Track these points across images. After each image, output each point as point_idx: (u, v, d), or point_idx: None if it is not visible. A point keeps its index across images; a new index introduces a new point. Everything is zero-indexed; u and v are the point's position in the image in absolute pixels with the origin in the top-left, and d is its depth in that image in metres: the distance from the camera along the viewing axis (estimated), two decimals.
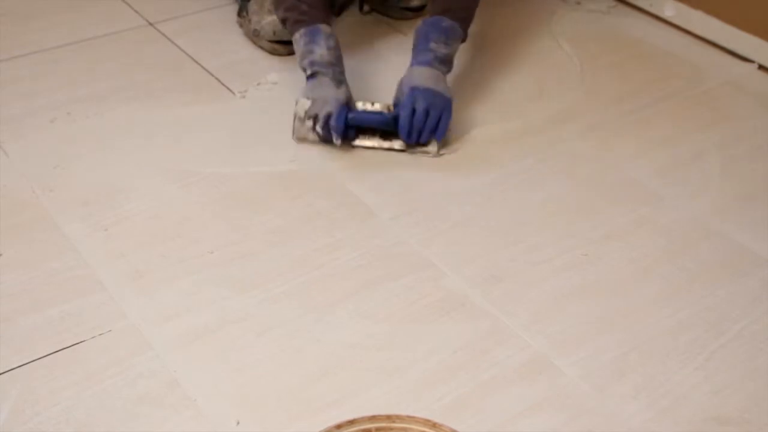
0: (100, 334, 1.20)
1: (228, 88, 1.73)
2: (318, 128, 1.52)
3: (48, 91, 1.70)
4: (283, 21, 1.62)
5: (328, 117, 1.51)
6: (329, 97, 1.51)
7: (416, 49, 1.58)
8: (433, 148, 1.55)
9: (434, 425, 1.01)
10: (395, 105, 1.56)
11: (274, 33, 1.78)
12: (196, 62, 1.81)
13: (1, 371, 1.15)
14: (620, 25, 2.00)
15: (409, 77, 1.55)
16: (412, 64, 1.57)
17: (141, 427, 1.08)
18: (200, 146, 1.57)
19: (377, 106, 1.58)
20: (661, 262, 1.36)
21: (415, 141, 1.52)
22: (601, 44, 1.93)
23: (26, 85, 1.72)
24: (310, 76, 1.55)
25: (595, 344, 1.22)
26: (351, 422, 1.01)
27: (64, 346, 1.18)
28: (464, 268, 1.33)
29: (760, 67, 1.85)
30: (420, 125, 1.51)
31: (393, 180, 1.50)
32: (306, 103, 1.53)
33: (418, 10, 1.97)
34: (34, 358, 1.16)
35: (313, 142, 1.56)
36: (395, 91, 1.57)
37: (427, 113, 1.50)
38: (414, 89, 1.51)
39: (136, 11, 1.98)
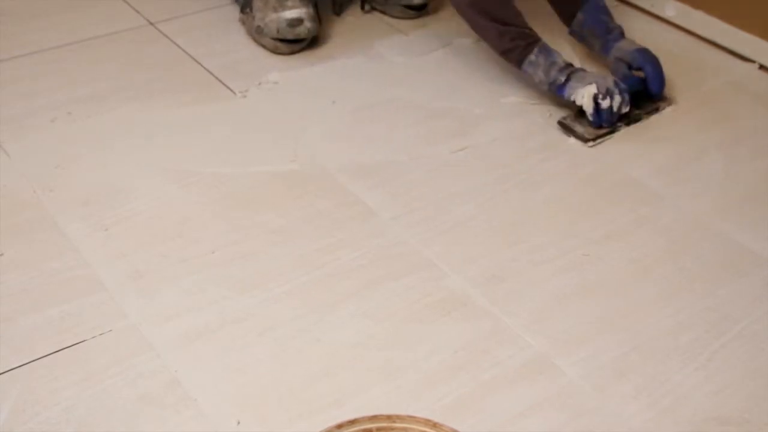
0: (101, 334, 1.20)
1: (229, 88, 1.73)
2: (616, 98, 1.60)
3: (48, 91, 1.70)
4: (509, 51, 1.68)
5: (617, 84, 1.62)
6: (599, 76, 1.63)
7: (600, 32, 1.74)
8: (664, 104, 1.72)
9: (435, 425, 1.01)
10: (622, 75, 1.68)
11: (278, 31, 1.78)
12: (197, 62, 1.81)
13: (2, 371, 1.15)
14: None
15: (621, 51, 1.70)
16: (609, 44, 1.72)
17: (141, 426, 1.08)
18: (201, 146, 1.57)
19: None
20: (662, 262, 1.36)
21: (663, 88, 1.69)
22: None
23: (27, 85, 1.72)
24: (566, 80, 1.63)
25: (596, 344, 1.22)
26: (352, 422, 1.01)
27: (65, 346, 1.18)
28: (465, 268, 1.33)
29: (761, 66, 1.85)
30: (662, 72, 1.68)
31: (394, 180, 1.50)
32: (592, 88, 1.60)
33: (420, 9, 1.97)
34: (35, 358, 1.16)
35: (605, 135, 1.63)
36: (612, 70, 1.71)
37: (659, 64, 1.68)
38: (638, 51, 1.68)
39: (137, 11, 1.98)
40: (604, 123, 1.62)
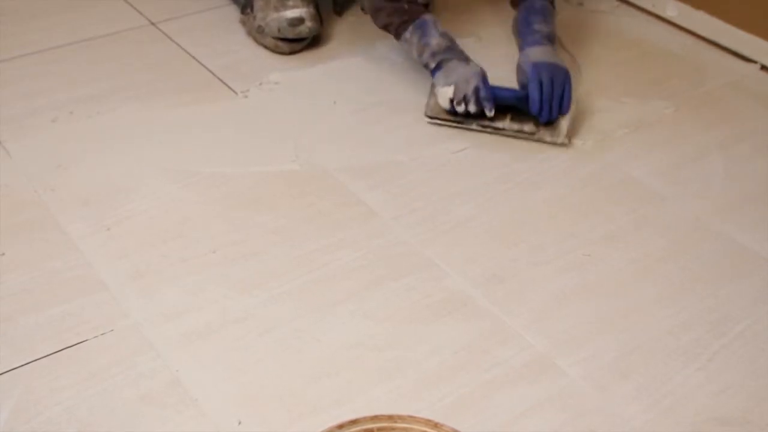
0: (102, 334, 1.20)
1: (230, 88, 1.73)
2: (471, 106, 1.56)
3: (50, 91, 1.70)
4: (387, 27, 1.67)
5: (477, 91, 1.55)
6: (468, 74, 1.56)
7: (522, 34, 1.68)
8: (559, 135, 1.58)
9: (436, 425, 1.01)
10: (521, 86, 1.62)
11: (279, 30, 1.78)
12: (198, 62, 1.81)
13: (3, 371, 1.15)
14: (623, 25, 2.00)
15: (525, 57, 1.62)
16: (523, 47, 1.65)
17: (143, 426, 1.08)
18: (202, 146, 1.57)
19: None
20: (663, 262, 1.36)
21: (546, 115, 1.56)
22: (603, 44, 1.93)
23: (28, 85, 1.72)
24: (437, 68, 1.59)
25: (597, 344, 1.22)
26: (353, 422, 1.01)
27: (66, 346, 1.18)
28: (466, 268, 1.33)
29: (763, 67, 1.85)
30: (549, 97, 1.55)
31: (395, 180, 1.50)
32: (449, 91, 1.56)
33: None
34: (36, 358, 1.16)
35: (445, 123, 1.62)
36: (516, 75, 1.64)
37: (552, 84, 1.56)
38: (536, 64, 1.58)
39: (138, 11, 1.98)
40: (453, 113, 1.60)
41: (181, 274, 1.30)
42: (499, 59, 1.77)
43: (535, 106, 1.56)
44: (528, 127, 1.59)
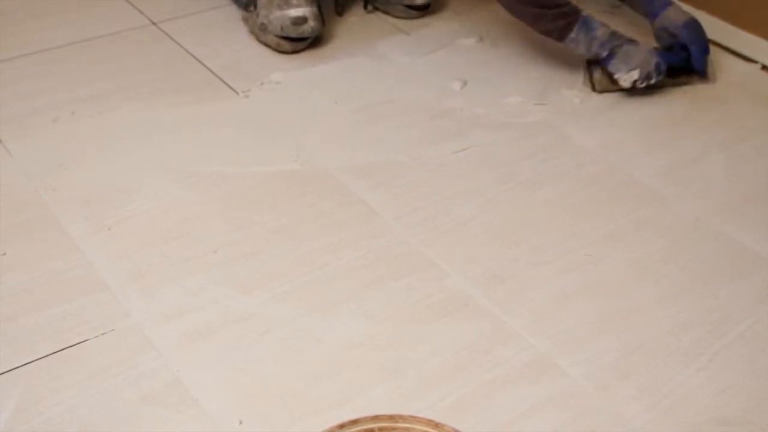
0: (103, 334, 1.20)
1: (231, 88, 1.73)
2: (652, 82, 1.70)
3: (51, 91, 1.70)
4: (550, 32, 1.72)
5: (658, 66, 1.69)
6: (643, 53, 1.69)
7: (644, 2, 1.81)
8: (708, 79, 1.79)
9: (437, 425, 1.01)
10: (666, 41, 1.76)
11: (282, 29, 1.78)
12: (200, 61, 1.81)
13: (4, 370, 1.15)
14: (624, 25, 2.00)
15: (669, 21, 1.75)
16: (658, 11, 1.77)
17: (144, 426, 1.09)
18: (203, 146, 1.57)
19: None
20: (664, 262, 1.36)
21: (706, 67, 1.77)
22: None
23: (29, 85, 1.72)
24: (609, 56, 1.69)
25: (598, 344, 1.22)
26: (354, 422, 1.01)
27: (67, 346, 1.18)
28: (467, 268, 1.33)
29: (764, 67, 1.85)
30: (706, 51, 1.74)
31: (395, 180, 1.50)
32: (634, 74, 1.68)
33: (423, 9, 1.97)
34: (37, 358, 1.17)
35: (613, 90, 1.75)
36: (658, 37, 1.78)
37: (702, 40, 1.74)
38: (686, 25, 1.72)
39: (139, 10, 1.98)
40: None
41: (182, 274, 1.30)
42: (499, 60, 1.77)
43: (703, 63, 1.74)
44: (683, 78, 1.77)
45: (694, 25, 1.73)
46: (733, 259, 1.37)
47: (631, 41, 1.71)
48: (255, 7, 1.84)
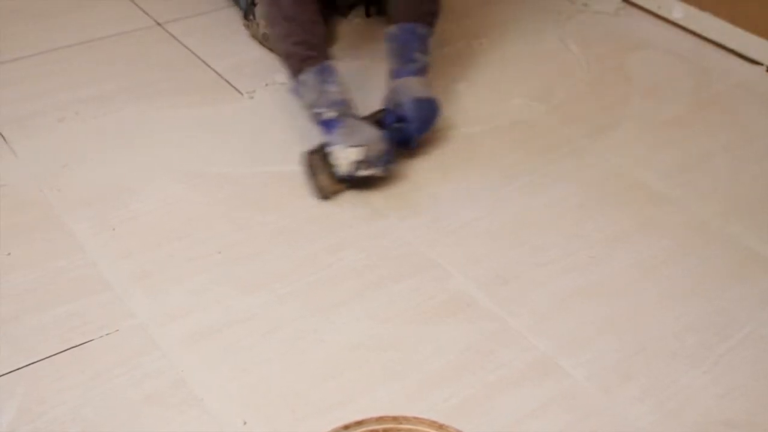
0: (107, 334, 1.20)
1: (236, 89, 1.73)
2: (376, 170, 1.44)
3: (56, 91, 1.70)
4: (287, 56, 1.53)
5: (386, 155, 1.45)
6: (375, 137, 1.45)
7: (400, 58, 1.58)
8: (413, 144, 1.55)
9: (440, 426, 1.01)
10: (389, 114, 1.53)
11: None
12: (205, 63, 1.81)
13: (9, 370, 1.15)
14: (628, 26, 2.00)
15: (404, 89, 1.53)
16: (400, 74, 1.56)
17: (147, 426, 1.09)
18: (207, 146, 1.57)
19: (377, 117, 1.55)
20: (668, 264, 1.36)
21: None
22: (608, 46, 1.92)
23: (35, 85, 1.72)
24: (335, 121, 1.46)
25: (601, 346, 1.22)
26: (359, 423, 1.01)
27: (71, 346, 1.19)
28: (470, 269, 1.33)
29: None
30: (424, 134, 1.55)
31: (399, 181, 1.50)
32: (355, 152, 1.42)
33: None
34: (41, 357, 1.17)
35: (340, 191, 1.47)
36: (387, 97, 1.55)
37: (429, 122, 1.54)
38: (417, 101, 1.51)
39: (145, 12, 1.98)
40: (348, 179, 1.46)
41: (185, 275, 1.30)
42: (501, 61, 1.77)
43: (413, 144, 1.54)
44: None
45: (430, 105, 1.52)
46: (738, 261, 1.37)
47: (360, 119, 1.49)
48: (254, 17, 1.84)
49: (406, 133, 1.51)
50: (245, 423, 1.09)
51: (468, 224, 1.42)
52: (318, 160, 1.45)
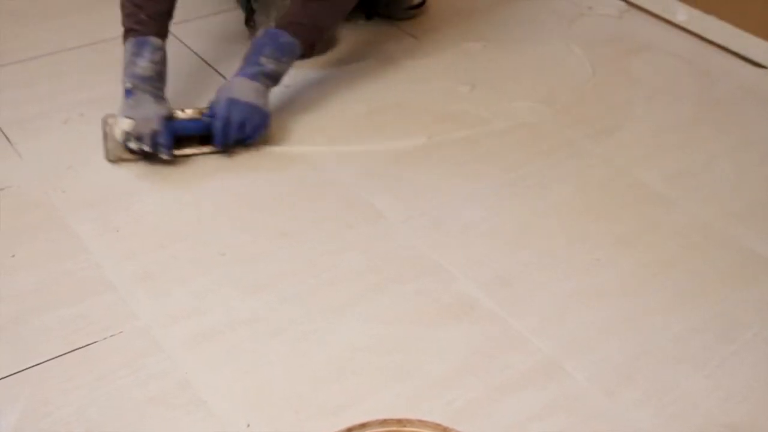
0: (112, 335, 1.21)
1: None
2: (145, 146, 1.48)
3: (61, 93, 1.71)
4: (124, 19, 1.56)
5: (154, 134, 1.47)
6: (152, 114, 1.48)
7: (246, 59, 1.57)
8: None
9: (444, 429, 1.01)
10: (210, 110, 1.54)
11: None
12: (209, 65, 1.81)
13: (14, 371, 1.15)
14: (632, 29, 2.00)
15: (229, 87, 1.54)
16: (237, 74, 1.56)
17: (151, 428, 1.09)
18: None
19: (189, 112, 1.57)
20: (672, 267, 1.36)
21: (228, 147, 1.54)
22: (612, 48, 1.92)
23: (40, 87, 1.73)
24: (129, 92, 1.49)
25: (605, 349, 1.22)
26: (363, 426, 1.01)
27: (76, 347, 1.19)
28: (474, 271, 1.33)
29: None
30: (235, 136, 1.52)
31: (403, 183, 1.51)
32: (126, 123, 1.47)
33: (419, 6, 2.00)
34: (46, 359, 1.17)
35: (130, 160, 1.52)
36: (216, 93, 1.55)
37: (241, 126, 1.51)
38: (231, 101, 1.51)
39: None
40: (130, 150, 1.51)
41: (190, 276, 1.31)
42: (506, 63, 1.77)
43: (218, 142, 1.52)
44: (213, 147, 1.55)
45: (245, 110, 1.51)
46: (741, 264, 1.37)
47: (160, 97, 1.52)
48: (254, 23, 1.85)
49: (213, 130, 1.51)
50: (249, 425, 1.09)
51: (471, 226, 1.42)
52: (112, 125, 1.52)
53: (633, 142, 1.63)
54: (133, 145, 1.48)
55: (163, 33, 1.56)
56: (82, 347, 1.19)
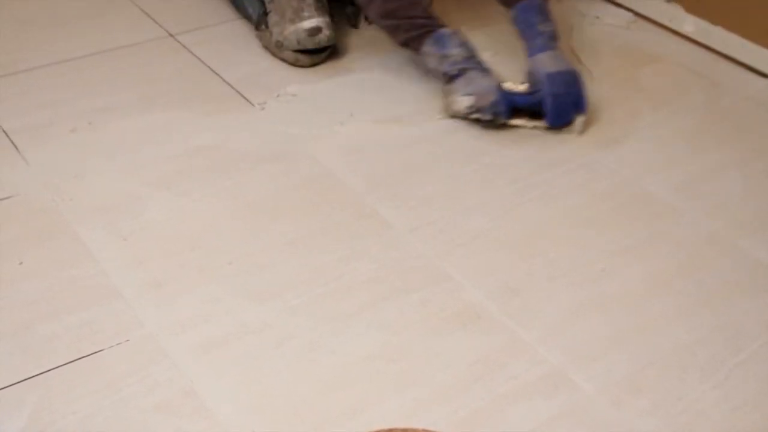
0: (118, 344, 1.21)
1: (247, 100, 1.74)
2: (486, 116, 1.62)
3: (69, 101, 1.71)
4: (406, 44, 1.71)
5: (494, 104, 1.61)
6: (487, 87, 1.62)
7: (527, 36, 1.69)
8: (578, 127, 1.66)
9: None
10: (533, 89, 1.65)
11: (298, 42, 1.79)
12: (216, 74, 1.82)
13: (20, 379, 1.15)
14: (639, 39, 2.01)
15: (537, 65, 1.65)
16: (532, 53, 1.67)
17: None
18: (219, 157, 1.57)
19: (521, 88, 1.67)
20: (679, 277, 1.36)
21: (561, 124, 1.64)
22: (620, 59, 1.93)
23: (47, 95, 1.73)
24: (456, 76, 1.64)
25: (612, 359, 1.21)
26: None
27: (83, 355, 1.19)
28: (481, 281, 1.33)
29: None
30: (566, 107, 1.63)
31: (411, 192, 1.51)
32: (467, 100, 1.62)
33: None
34: (52, 367, 1.17)
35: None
36: (528, 77, 1.67)
37: (567, 94, 1.62)
38: (549, 76, 1.62)
39: (157, 23, 1.99)
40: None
41: (197, 284, 1.31)
42: (513, 74, 1.77)
43: (552, 119, 1.63)
44: (543, 123, 1.66)
45: (557, 79, 1.62)
46: (749, 274, 1.36)
47: (485, 70, 1.66)
48: (266, 26, 1.85)
49: (549, 109, 1.62)
50: None
51: (479, 236, 1.42)
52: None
53: (641, 153, 1.63)
54: (475, 116, 1.62)
55: (444, 24, 1.70)
56: (89, 355, 1.19)
